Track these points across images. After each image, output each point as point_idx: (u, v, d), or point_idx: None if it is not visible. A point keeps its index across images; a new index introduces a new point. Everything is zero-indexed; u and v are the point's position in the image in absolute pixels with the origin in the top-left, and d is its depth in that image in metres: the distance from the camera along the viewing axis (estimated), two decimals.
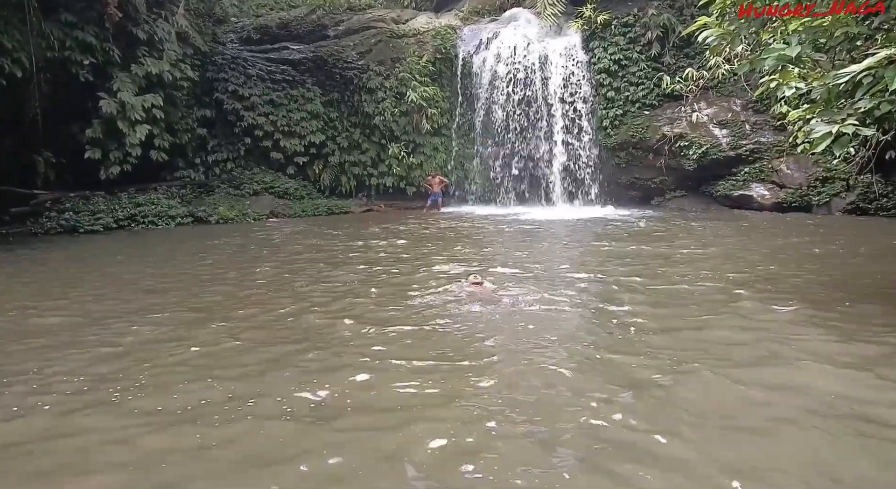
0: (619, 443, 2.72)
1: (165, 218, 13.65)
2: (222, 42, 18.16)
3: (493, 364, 3.82)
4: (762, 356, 3.91)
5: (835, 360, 3.76)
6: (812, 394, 3.26)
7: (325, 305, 5.51)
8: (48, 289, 6.56)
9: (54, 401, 3.36)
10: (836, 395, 3.23)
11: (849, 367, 3.64)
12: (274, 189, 16.82)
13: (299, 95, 17.73)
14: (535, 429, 2.87)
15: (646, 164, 16.52)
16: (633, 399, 3.22)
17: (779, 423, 2.91)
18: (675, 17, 16.35)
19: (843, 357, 3.83)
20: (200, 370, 3.82)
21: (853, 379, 3.48)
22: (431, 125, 17.43)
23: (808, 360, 3.75)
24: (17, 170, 13.79)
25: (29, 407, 3.28)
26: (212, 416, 3.08)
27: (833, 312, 4.85)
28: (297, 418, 3.05)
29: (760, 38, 5.27)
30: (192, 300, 5.89)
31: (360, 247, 9.55)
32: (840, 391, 3.29)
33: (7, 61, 11.03)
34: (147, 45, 13.81)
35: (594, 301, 5.51)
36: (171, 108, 15.00)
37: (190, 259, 8.73)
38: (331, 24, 19.12)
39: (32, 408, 3.26)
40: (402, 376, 3.63)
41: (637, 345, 4.16)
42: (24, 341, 4.56)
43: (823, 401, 3.16)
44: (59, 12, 12.22)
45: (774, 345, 4.07)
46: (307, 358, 4.02)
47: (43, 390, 3.52)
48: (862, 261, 7.54)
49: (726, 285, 6.01)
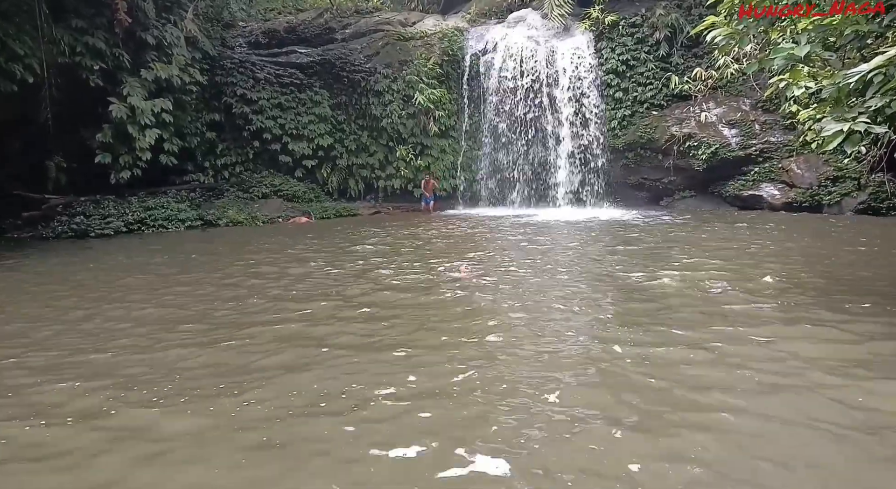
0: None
1: (175, 221, 13.74)
2: (231, 46, 18.25)
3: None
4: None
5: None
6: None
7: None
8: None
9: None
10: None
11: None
12: (283, 192, 16.89)
13: (307, 99, 17.80)
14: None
15: (654, 164, 16.46)
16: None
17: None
18: (683, 17, 16.28)
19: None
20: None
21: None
22: (439, 127, 17.44)
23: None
24: (29, 174, 13.92)
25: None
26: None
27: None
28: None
29: (769, 37, 5.24)
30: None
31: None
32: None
33: (19, 67, 11.13)
34: (156, 50, 13.91)
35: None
36: (181, 113, 15.09)
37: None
38: (338, 27, 19.18)
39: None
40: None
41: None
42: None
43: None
44: (70, 18, 12.33)
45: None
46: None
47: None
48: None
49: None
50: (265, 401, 3.39)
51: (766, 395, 3.31)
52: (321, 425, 3.05)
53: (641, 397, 3.30)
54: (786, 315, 4.93)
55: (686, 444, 2.76)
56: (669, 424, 2.97)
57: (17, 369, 4.10)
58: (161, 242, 11.50)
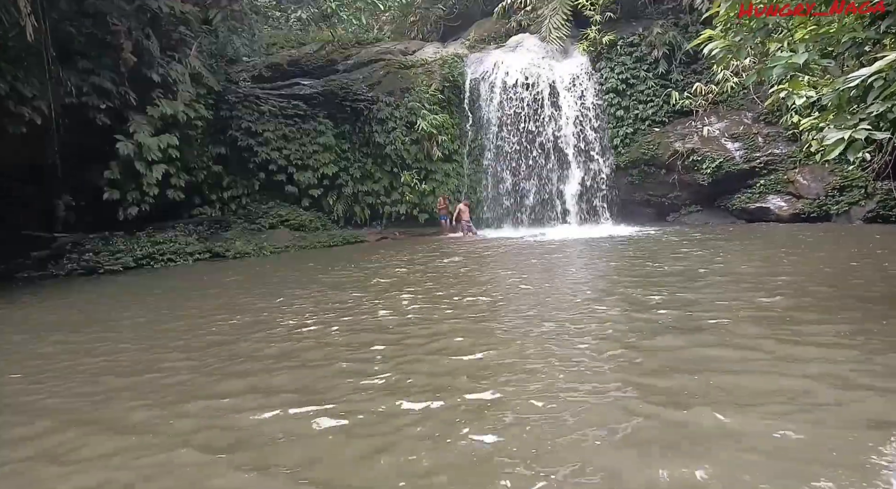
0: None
1: (183, 255, 13.77)
2: (235, 81, 18.53)
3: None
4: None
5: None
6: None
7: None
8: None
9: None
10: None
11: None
12: (289, 222, 16.98)
13: (311, 129, 17.99)
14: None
15: (659, 180, 16.46)
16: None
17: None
18: (680, 34, 16.45)
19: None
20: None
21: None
22: (442, 152, 17.56)
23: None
24: (38, 214, 14.05)
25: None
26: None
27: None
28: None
29: (766, 48, 5.26)
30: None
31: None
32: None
33: (27, 109, 11.31)
34: (161, 87, 14.12)
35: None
36: (187, 147, 15.23)
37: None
38: (340, 58, 19.50)
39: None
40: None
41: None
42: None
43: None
44: (77, 59, 12.57)
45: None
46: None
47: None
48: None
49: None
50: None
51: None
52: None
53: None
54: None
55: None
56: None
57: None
58: (171, 276, 11.54)
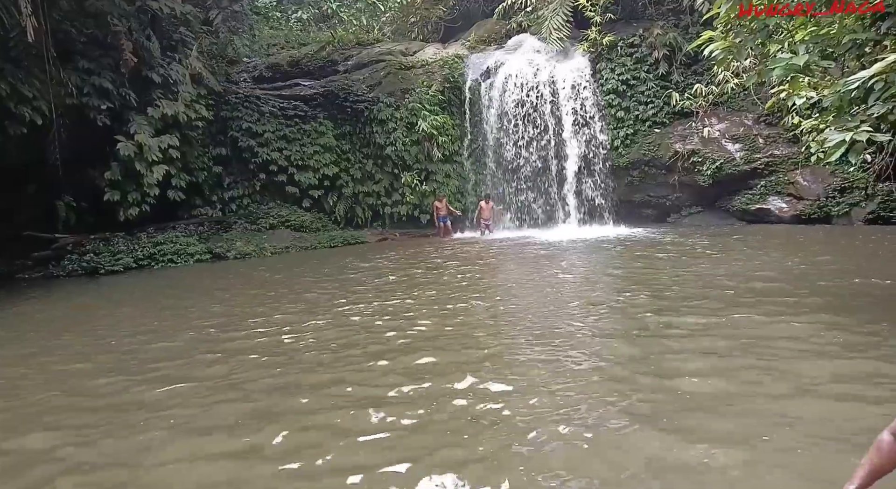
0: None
1: (184, 255, 13.78)
2: (235, 81, 18.53)
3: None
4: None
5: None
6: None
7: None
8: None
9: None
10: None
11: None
12: (290, 222, 16.97)
13: (312, 130, 17.99)
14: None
15: (659, 181, 16.44)
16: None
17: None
18: (680, 35, 16.42)
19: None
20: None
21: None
22: (442, 153, 17.54)
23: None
24: (39, 214, 14.04)
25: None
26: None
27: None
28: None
29: (767, 49, 5.25)
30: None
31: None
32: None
33: (28, 109, 11.33)
34: (162, 88, 14.14)
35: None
36: (187, 148, 15.26)
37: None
38: (340, 59, 19.48)
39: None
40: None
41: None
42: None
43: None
44: (77, 60, 12.59)
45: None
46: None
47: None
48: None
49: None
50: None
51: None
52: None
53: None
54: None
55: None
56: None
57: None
58: (173, 276, 11.54)
